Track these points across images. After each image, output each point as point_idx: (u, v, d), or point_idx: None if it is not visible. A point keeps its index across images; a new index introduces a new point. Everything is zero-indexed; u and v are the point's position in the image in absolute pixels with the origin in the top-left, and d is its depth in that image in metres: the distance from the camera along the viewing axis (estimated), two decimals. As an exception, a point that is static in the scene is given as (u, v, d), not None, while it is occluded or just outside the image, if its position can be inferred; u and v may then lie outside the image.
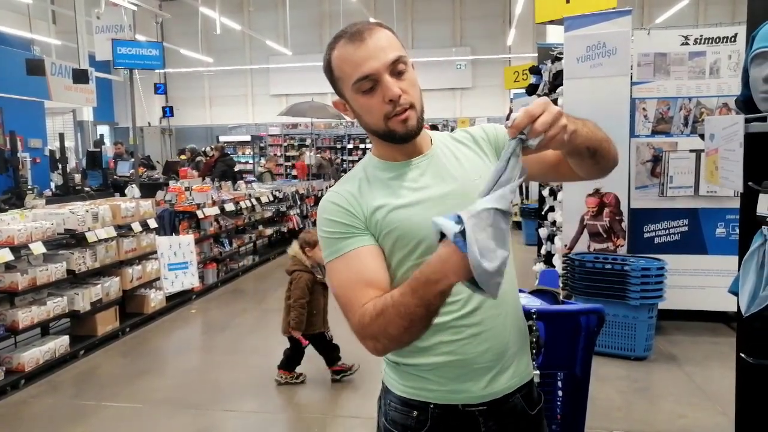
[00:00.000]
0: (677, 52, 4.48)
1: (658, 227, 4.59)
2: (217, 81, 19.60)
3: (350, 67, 1.14)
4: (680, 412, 3.34)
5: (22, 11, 12.99)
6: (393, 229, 1.18)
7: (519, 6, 12.96)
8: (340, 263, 1.18)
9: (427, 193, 1.20)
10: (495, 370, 1.21)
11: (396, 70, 1.14)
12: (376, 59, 1.13)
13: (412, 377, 1.24)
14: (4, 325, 3.85)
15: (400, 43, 1.18)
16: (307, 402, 3.75)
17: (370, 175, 1.25)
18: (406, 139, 1.19)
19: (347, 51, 1.15)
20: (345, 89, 1.18)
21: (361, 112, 1.19)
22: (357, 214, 1.19)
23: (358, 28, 1.16)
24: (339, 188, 1.25)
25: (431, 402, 1.23)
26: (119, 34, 9.63)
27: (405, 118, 1.15)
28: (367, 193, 1.21)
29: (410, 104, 1.15)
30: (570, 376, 1.92)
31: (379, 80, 1.13)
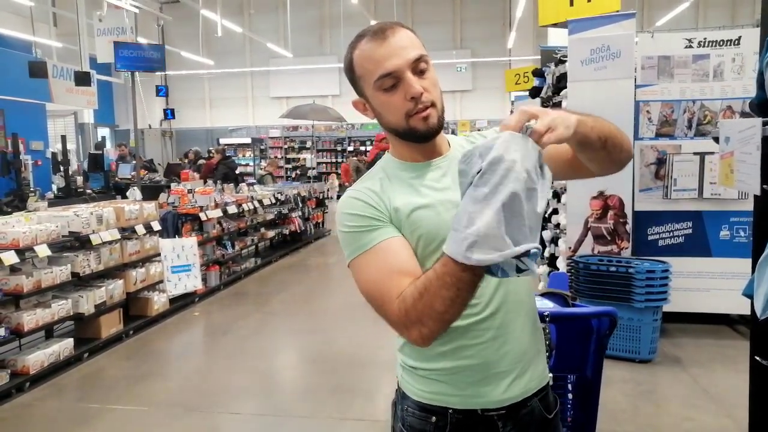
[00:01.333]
0: (681, 55, 4.49)
1: (662, 230, 4.60)
2: (218, 83, 19.62)
3: (372, 64, 1.15)
4: (686, 415, 3.34)
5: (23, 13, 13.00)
6: (416, 229, 1.17)
7: (519, 9, 12.99)
8: (367, 257, 1.14)
9: (449, 195, 1.19)
10: (514, 374, 1.21)
11: (418, 68, 1.15)
12: (398, 57, 1.13)
13: (431, 382, 1.23)
14: (9, 327, 3.85)
15: (421, 43, 1.18)
16: (312, 405, 3.75)
17: (390, 174, 1.24)
18: (426, 137, 1.19)
19: (369, 49, 1.15)
20: (366, 87, 1.19)
21: (381, 110, 1.19)
22: (380, 208, 1.18)
23: (380, 26, 1.16)
24: (359, 186, 1.23)
25: (450, 407, 1.22)
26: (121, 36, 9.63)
27: (426, 115, 1.15)
28: (389, 190, 1.21)
29: (431, 102, 1.16)
30: (581, 379, 1.92)
31: (401, 78, 1.13)
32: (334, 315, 5.78)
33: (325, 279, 7.67)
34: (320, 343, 4.87)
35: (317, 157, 17.76)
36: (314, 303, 6.28)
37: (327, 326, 5.38)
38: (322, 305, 6.23)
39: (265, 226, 8.30)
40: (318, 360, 4.52)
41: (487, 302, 1.18)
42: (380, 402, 3.72)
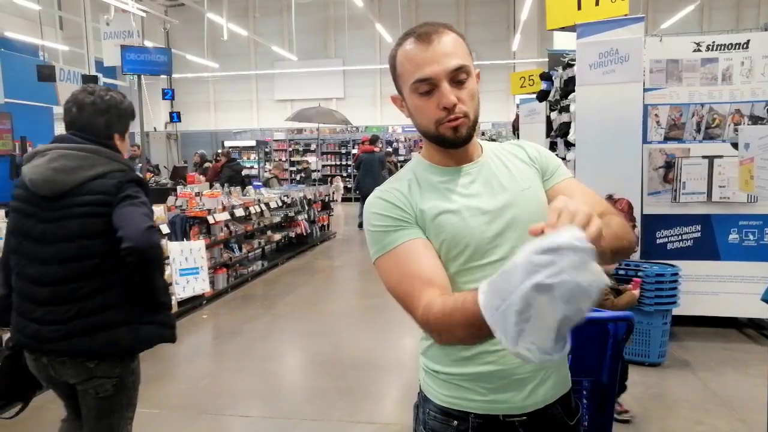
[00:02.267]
0: (689, 59, 4.49)
1: (670, 233, 4.60)
2: (223, 86, 19.68)
3: (412, 66, 1.16)
4: (697, 419, 3.33)
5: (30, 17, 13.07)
6: (440, 233, 1.19)
7: (524, 12, 13.01)
8: (391, 257, 1.16)
9: (477, 201, 1.21)
10: (536, 381, 1.22)
11: (456, 78, 1.15)
12: (438, 64, 1.13)
13: (453, 387, 1.24)
14: (20, 330, 3.86)
15: (467, 51, 1.18)
16: (321, 408, 3.75)
17: (419, 177, 1.25)
18: (454, 145, 1.20)
19: (412, 50, 1.16)
20: (404, 87, 1.20)
21: (414, 112, 1.20)
22: (406, 209, 1.19)
23: (427, 29, 1.16)
24: (387, 186, 1.25)
25: (472, 411, 1.23)
26: (127, 40, 9.69)
27: (456, 125, 1.16)
28: (416, 193, 1.22)
29: (464, 113, 1.16)
30: (596, 383, 1.92)
31: (437, 85, 1.14)
32: (342, 317, 5.78)
33: (332, 281, 7.68)
34: (328, 346, 4.88)
35: (322, 159, 17.78)
36: (321, 305, 6.29)
37: (335, 329, 5.39)
38: (329, 308, 6.24)
39: (271, 229, 8.32)
40: (326, 363, 4.52)
41: None
42: (389, 405, 3.72)
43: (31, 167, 2.02)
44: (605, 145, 4.39)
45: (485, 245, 1.19)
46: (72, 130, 2.07)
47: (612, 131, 4.37)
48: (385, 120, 18.72)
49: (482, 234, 1.19)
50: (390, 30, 15.89)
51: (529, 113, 8.03)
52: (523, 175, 1.26)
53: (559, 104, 5.43)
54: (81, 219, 1.96)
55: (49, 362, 2.05)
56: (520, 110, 8.71)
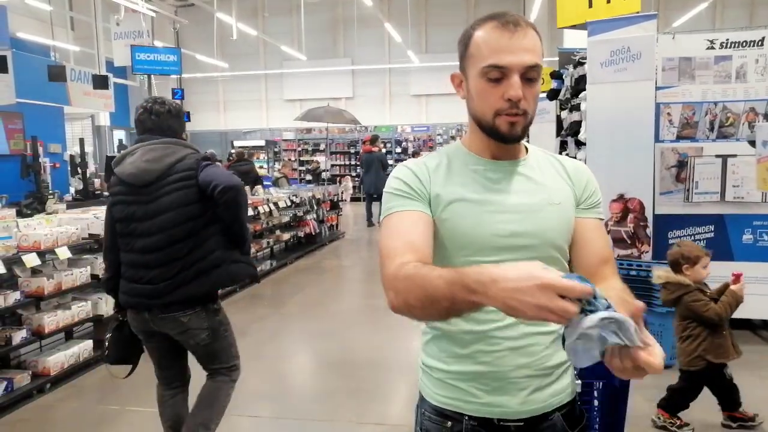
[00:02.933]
0: (702, 57, 4.43)
1: (683, 233, 4.54)
2: (232, 86, 19.74)
3: (489, 50, 1.13)
4: (709, 421, 3.28)
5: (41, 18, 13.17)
6: (449, 218, 1.18)
7: (534, 11, 12.94)
8: (393, 218, 1.18)
9: (499, 197, 1.19)
10: (532, 387, 1.19)
11: (528, 76, 1.13)
12: (516, 56, 1.11)
13: (448, 387, 1.23)
14: (30, 329, 3.88)
15: (541, 53, 1.16)
16: (330, 408, 3.74)
17: (452, 161, 1.25)
18: (505, 140, 1.18)
19: (494, 34, 1.13)
20: (471, 68, 1.17)
21: (476, 96, 1.18)
22: (424, 184, 1.21)
23: (515, 19, 1.14)
24: (417, 160, 1.27)
25: (466, 413, 1.21)
26: (137, 40, 9.74)
27: (514, 121, 1.14)
28: (441, 175, 1.22)
29: (524, 111, 1.14)
30: (608, 386, 1.89)
31: (508, 76, 1.12)
32: (351, 317, 5.77)
33: (341, 281, 7.66)
34: (337, 346, 4.87)
35: (331, 159, 17.79)
36: (330, 305, 6.28)
37: (344, 329, 5.37)
38: (338, 307, 6.22)
39: (280, 229, 8.32)
40: (335, 363, 4.51)
41: None
42: (399, 406, 3.70)
43: (126, 165, 2.53)
44: (617, 144, 4.34)
45: (496, 243, 1.17)
46: (150, 132, 2.61)
47: (623, 130, 4.32)
48: (394, 119, 18.70)
49: (495, 231, 1.17)
50: (399, 29, 15.87)
51: (539, 112, 7.92)
52: (556, 189, 1.23)
53: (570, 103, 5.39)
54: (177, 192, 2.48)
55: (150, 317, 2.54)
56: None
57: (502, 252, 1.16)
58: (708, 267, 3.17)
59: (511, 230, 1.17)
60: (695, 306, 3.02)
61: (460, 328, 1.20)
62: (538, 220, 1.18)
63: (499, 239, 1.17)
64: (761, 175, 1.71)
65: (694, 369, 3.09)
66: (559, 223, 1.20)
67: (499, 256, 1.16)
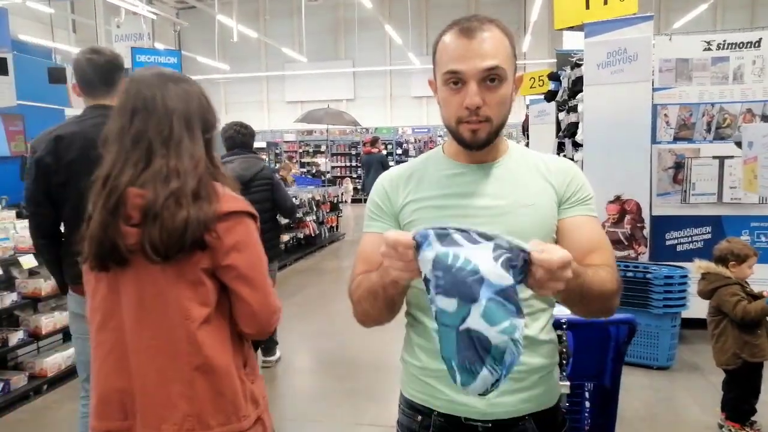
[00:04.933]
0: (699, 58, 4.44)
1: (680, 234, 4.54)
2: (233, 88, 19.78)
3: (447, 57, 1.14)
4: (707, 423, 3.28)
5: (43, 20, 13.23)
6: (416, 223, 1.21)
7: (534, 13, 12.94)
8: (364, 239, 1.31)
9: (465, 201, 1.20)
10: (500, 390, 1.13)
11: (489, 77, 1.12)
12: (470, 61, 1.11)
13: (420, 382, 1.25)
14: (28, 330, 3.89)
15: (510, 54, 1.15)
16: (326, 409, 3.74)
17: (428, 166, 1.28)
18: (470, 147, 1.18)
19: (451, 41, 1.14)
20: (437, 74, 1.19)
21: (441, 102, 1.19)
22: (393, 200, 1.27)
23: (471, 24, 1.13)
24: (399, 168, 1.32)
25: (435, 409, 1.23)
26: (138, 42, 9.76)
27: (475, 129, 1.14)
28: (412, 184, 1.26)
29: (486, 118, 1.14)
30: (599, 387, 1.89)
31: (466, 82, 1.12)
32: (349, 319, 5.70)
33: (340, 283, 7.66)
34: (335, 347, 4.87)
35: (331, 161, 17.80)
36: (329, 306, 6.28)
37: (341, 330, 5.37)
38: (337, 309, 6.22)
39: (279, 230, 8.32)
40: (333, 363, 4.51)
41: None
42: (394, 407, 3.69)
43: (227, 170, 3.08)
44: (613, 145, 4.34)
45: None
46: (239, 147, 3.99)
47: (620, 131, 4.32)
48: (395, 121, 18.71)
49: None
50: (400, 31, 15.88)
51: (539, 114, 7.97)
52: (534, 192, 1.21)
53: (567, 104, 5.39)
54: (262, 191, 3.89)
55: None
56: (530, 111, 8.65)
57: None
58: (753, 267, 3.10)
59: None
60: (728, 300, 2.95)
61: (428, 325, 1.21)
62: (507, 224, 1.15)
63: None
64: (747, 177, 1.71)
65: (731, 367, 3.03)
66: (531, 226, 1.17)
67: None
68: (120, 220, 1.34)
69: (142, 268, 1.36)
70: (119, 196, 1.35)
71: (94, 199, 1.39)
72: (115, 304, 1.40)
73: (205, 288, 1.38)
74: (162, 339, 1.37)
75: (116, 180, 1.37)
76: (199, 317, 1.37)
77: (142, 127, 1.39)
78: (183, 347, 1.36)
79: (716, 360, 3.12)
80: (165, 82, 1.44)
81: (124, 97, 1.44)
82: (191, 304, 1.37)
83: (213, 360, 1.39)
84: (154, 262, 1.33)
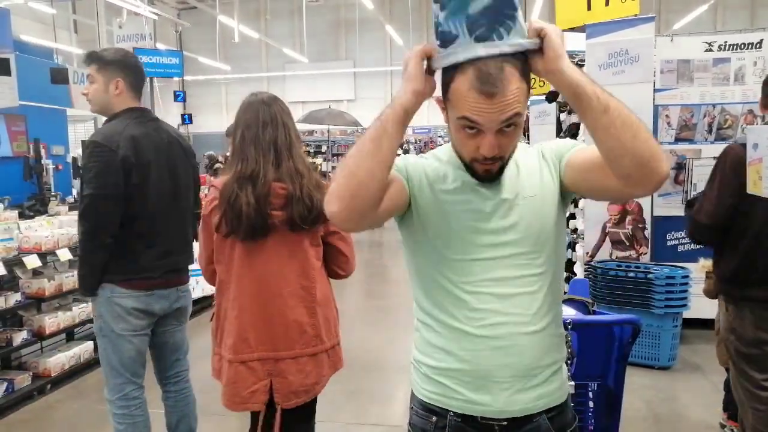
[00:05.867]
0: (701, 59, 4.45)
1: (681, 235, 4.54)
2: (234, 88, 19.78)
3: (465, 105, 1.09)
4: (708, 423, 3.29)
5: (45, 21, 13.24)
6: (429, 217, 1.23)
7: (535, 13, 12.95)
8: None
9: (474, 198, 1.22)
10: (516, 388, 1.19)
11: (506, 125, 1.11)
12: (490, 115, 1.08)
13: (434, 382, 1.25)
14: (32, 330, 3.91)
15: (526, 90, 1.11)
16: (328, 409, 3.75)
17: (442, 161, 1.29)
18: (482, 181, 1.20)
19: (471, 93, 1.07)
20: (450, 108, 1.14)
21: (453, 135, 1.19)
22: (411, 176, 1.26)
23: (492, 78, 1.06)
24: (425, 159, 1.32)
25: (451, 410, 1.23)
26: (140, 42, 9.76)
27: (489, 168, 1.17)
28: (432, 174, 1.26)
29: (500, 157, 1.16)
30: (603, 387, 1.91)
31: (483, 132, 1.11)
32: (350, 318, 5.77)
33: (339, 282, 7.65)
34: (336, 348, 4.87)
35: (332, 161, 17.80)
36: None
37: (343, 329, 5.37)
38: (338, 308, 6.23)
39: (281, 231, 8.32)
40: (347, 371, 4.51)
41: (491, 311, 1.19)
42: (397, 407, 3.71)
43: None
44: (615, 146, 4.34)
45: (469, 239, 1.21)
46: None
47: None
48: (396, 121, 18.70)
49: (467, 230, 1.21)
50: (400, 32, 15.90)
51: (539, 114, 7.96)
52: (532, 181, 1.24)
53: (568, 105, 5.39)
54: None
55: None
56: (530, 111, 8.64)
57: (483, 249, 1.20)
58: None
59: (488, 227, 1.21)
60: None
61: (444, 324, 1.22)
62: (513, 216, 1.21)
63: (478, 235, 1.20)
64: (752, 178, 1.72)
65: None
66: (534, 215, 1.21)
67: (481, 253, 1.20)
68: (268, 205, 1.92)
69: (280, 237, 1.97)
70: (268, 189, 1.93)
71: (237, 188, 1.92)
72: (248, 265, 1.98)
73: (320, 248, 2.09)
74: (294, 285, 2.01)
75: (264, 177, 1.93)
76: (317, 268, 2.07)
77: (273, 137, 1.98)
78: (309, 289, 2.04)
79: (719, 359, 3.11)
80: (276, 101, 2.11)
81: (252, 111, 2.03)
82: (313, 259, 2.05)
83: (325, 296, 2.12)
84: (296, 232, 1.98)
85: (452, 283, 1.20)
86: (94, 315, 2.53)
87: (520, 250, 1.19)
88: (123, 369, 2.52)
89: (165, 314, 2.61)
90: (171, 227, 2.54)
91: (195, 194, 2.79)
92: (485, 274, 1.19)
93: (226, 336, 2.05)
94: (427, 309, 1.27)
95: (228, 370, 2.09)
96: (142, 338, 2.55)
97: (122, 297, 2.42)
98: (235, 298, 2.00)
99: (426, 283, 1.26)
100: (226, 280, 2.03)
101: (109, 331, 2.46)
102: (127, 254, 2.39)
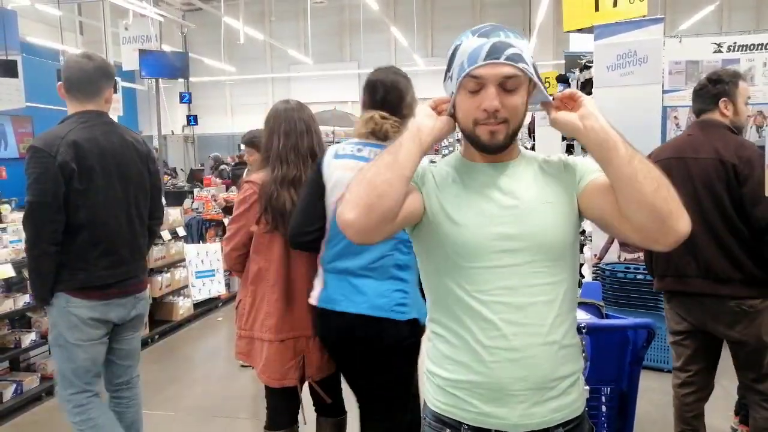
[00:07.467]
0: (710, 60, 4.42)
1: (690, 237, 4.52)
2: (239, 90, 19.81)
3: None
4: (719, 427, 3.27)
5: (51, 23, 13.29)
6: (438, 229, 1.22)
7: (540, 15, 12.92)
8: None
9: (486, 202, 1.21)
10: (532, 401, 1.17)
11: (506, 86, 1.13)
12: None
13: (447, 394, 1.23)
14: (39, 332, 3.91)
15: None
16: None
17: (450, 168, 1.28)
18: (487, 149, 1.19)
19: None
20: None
21: (457, 106, 1.19)
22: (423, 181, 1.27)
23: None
24: (439, 162, 1.33)
25: (464, 422, 1.20)
26: (146, 44, 9.78)
27: (494, 130, 1.16)
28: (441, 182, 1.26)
29: (504, 119, 1.15)
30: (616, 391, 1.89)
31: (484, 86, 1.13)
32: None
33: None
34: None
35: (337, 162, 17.81)
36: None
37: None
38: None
39: (286, 232, 8.33)
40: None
41: (505, 321, 1.16)
42: (405, 410, 3.69)
43: None
44: (623, 147, 4.33)
45: (483, 245, 1.19)
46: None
47: (630, 134, 4.19)
48: (401, 123, 18.69)
49: (480, 236, 1.19)
50: (405, 33, 15.89)
51: (545, 116, 7.94)
52: (546, 189, 1.23)
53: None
54: None
55: None
56: (536, 113, 8.63)
57: (491, 256, 1.18)
58: None
59: (502, 232, 1.19)
60: None
61: (457, 334, 1.20)
62: (530, 222, 1.19)
63: (487, 240, 1.19)
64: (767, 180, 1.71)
65: None
66: (554, 221, 1.20)
67: (488, 261, 1.18)
68: None
69: None
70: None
71: (279, 188, 2.15)
72: (286, 257, 2.20)
73: None
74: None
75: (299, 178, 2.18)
76: None
77: (309, 144, 2.25)
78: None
79: None
80: (304, 108, 2.35)
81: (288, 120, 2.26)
82: None
83: None
84: None
85: (465, 291, 1.18)
86: (49, 325, 2.46)
87: (535, 257, 1.17)
88: (77, 379, 2.44)
89: (122, 322, 2.52)
90: (123, 235, 2.43)
91: (155, 199, 2.67)
92: (499, 281, 1.16)
93: (266, 318, 2.24)
94: (440, 319, 1.25)
95: (268, 348, 2.27)
96: (98, 347, 2.46)
97: (78, 307, 2.34)
98: (275, 283, 2.21)
99: (439, 292, 1.24)
100: (265, 268, 2.24)
101: (65, 341, 2.38)
102: (80, 263, 2.31)
